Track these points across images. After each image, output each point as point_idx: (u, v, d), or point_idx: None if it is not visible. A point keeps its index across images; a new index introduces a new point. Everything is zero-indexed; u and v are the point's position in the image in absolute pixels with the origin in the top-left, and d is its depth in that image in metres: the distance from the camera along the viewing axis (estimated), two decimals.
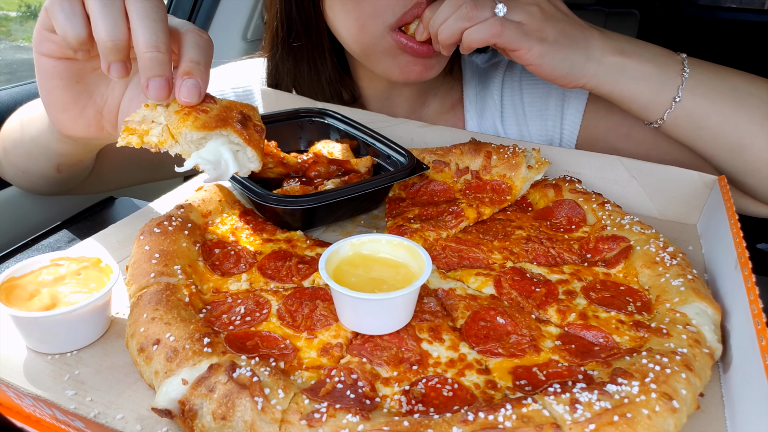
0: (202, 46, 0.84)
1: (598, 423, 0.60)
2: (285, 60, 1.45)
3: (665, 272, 0.87)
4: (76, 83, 0.93)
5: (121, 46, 0.79)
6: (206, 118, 0.80)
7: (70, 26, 0.79)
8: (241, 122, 0.82)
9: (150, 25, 0.78)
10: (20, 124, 1.22)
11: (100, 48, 0.79)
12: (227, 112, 0.83)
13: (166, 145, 0.81)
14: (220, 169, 0.81)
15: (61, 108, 0.94)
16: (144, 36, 0.78)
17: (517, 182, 1.13)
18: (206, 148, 0.80)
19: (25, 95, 1.64)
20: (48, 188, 1.31)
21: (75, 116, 0.95)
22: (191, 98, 0.80)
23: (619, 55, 1.09)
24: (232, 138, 0.81)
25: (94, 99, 0.96)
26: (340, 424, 0.62)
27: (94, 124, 0.98)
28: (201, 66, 0.82)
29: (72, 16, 0.79)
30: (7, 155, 1.28)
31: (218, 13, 2.59)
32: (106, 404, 0.70)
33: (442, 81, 1.57)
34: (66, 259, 0.84)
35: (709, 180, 1.12)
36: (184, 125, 0.79)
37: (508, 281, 0.89)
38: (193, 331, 0.73)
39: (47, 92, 0.93)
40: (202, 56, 0.83)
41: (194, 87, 0.80)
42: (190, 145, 0.80)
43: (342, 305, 0.78)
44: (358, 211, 1.14)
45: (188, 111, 0.80)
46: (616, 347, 0.76)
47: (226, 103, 0.85)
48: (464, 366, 0.74)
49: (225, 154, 0.81)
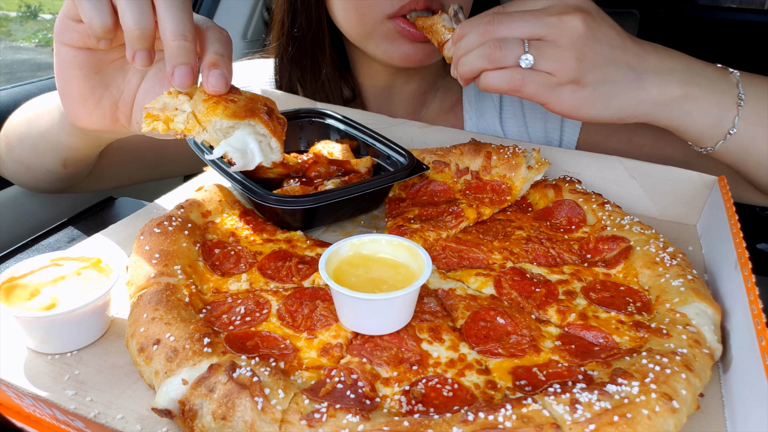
0: (223, 42, 0.86)
1: (598, 423, 0.60)
2: (288, 52, 1.46)
3: (665, 272, 0.87)
4: (95, 74, 0.94)
5: (147, 34, 0.81)
6: (236, 108, 0.82)
7: (97, 14, 0.81)
8: (267, 113, 0.85)
9: (177, 14, 0.80)
10: (27, 119, 1.22)
11: (126, 36, 0.81)
12: (253, 103, 0.85)
13: (194, 132, 0.83)
14: (247, 157, 0.84)
15: (77, 99, 0.95)
16: (171, 25, 0.80)
17: (517, 182, 1.13)
18: (234, 137, 0.83)
19: (25, 95, 1.64)
20: (51, 185, 1.31)
21: (91, 107, 0.97)
22: (219, 87, 0.83)
23: (678, 90, 0.99)
24: (258, 128, 0.84)
25: (110, 90, 0.97)
26: (340, 424, 0.62)
27: (110, 116, 0.99)
28: (225, 58, 0.85)
29: (99, 4, 0.81)
30: (11, 151, 1.28)
31: (218, 13, 2.59)
32: (106, 404, 0.70)
33: (441, 81, 1.57)
34: (66, 259, 0.84)
35: (709, 180, 1.12)
36: (215, 114, 0.81)
37: (508, 281, 0.89)
38: (193, 331, 0.73)
39: (65, 82, 0.95)
40: (225, 50, 0.86)
41: (221, 77, 0.83)
42: (218, 133, 0.83)
43: (342, 305, 0.78)
44: (358, 211, 1.14)
45: (217, 100, 0.82)
46: (616, 347, 0.76)
47: (250, 95, 0.87)
48: (464, 366, 0.74)
49: (251, 143, 0.84)
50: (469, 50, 0.97)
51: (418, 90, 1.53)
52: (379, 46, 1.32)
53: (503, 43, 0.94)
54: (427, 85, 1.54)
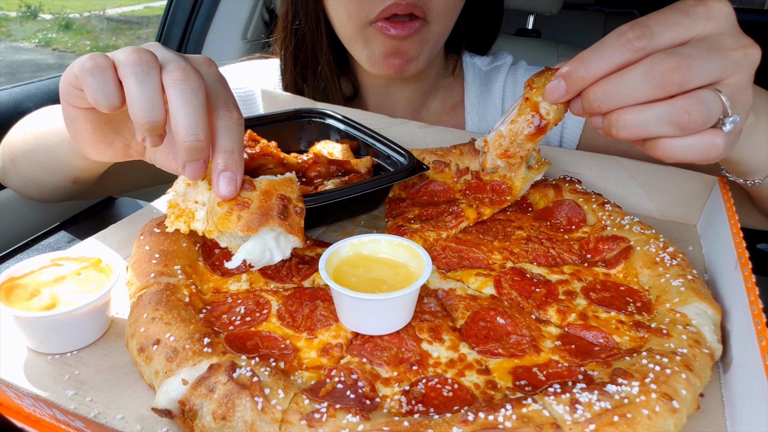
0: (233, 130, 0.80)
1: (598, 423, 0.60)
2: (289, 48, 1.47)
3: (665, 272, 0.87)
4: (105, 125, 0.91)
5: (157, 126, 0.75)
6: (249, 217, 0.78)
7: (103, 97, 0.76)
8: (281, 212, 0.80)
9: (190, 112, 0.74)
10: (33, 135, 1.19)
11: (135, 125, 0.76)
12: (267, 200, 0.80)
13: (213, 235, 0.80)
14: (265, 258, 0.81)
15: (88, 143, 0.92)
16: (184, 123, 0.74)
17: (517, 182, 1.13)
18: (252, 242, 0.79)
19: (25, 95, 1.64)
20: (57, 198, 1.30)
21: (103, 149, 0.94)
22: (229, 192, 0.77)
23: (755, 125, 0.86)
24: (275, 227, 0.80)
25: (122, 134, 0.94)
26: (340, 424, 0.62)
27: (122, 153, 0.96)
28: (235, 155, 0.78)
29: (105, 87, 0.76)
30: (16, 166, 1.26)
31: (218, 13, 2.59)
32: (106, 404, 0.70)
33: (442, 82, 1.57)
34: (66, 259, 0.84)
35: (709, 180, 1.12)
36: (228, 227, 0.78)
37: (508, 281, 0.89)
38: (193, 331, 0.73)
39: (74, 132, 0.91)
40: (235, 143, 0.79)
41: (231, 180, 0.77)
42: (235, 239, 0.80)
43: (342, 305, 0.78)
44: (358, 211, 1.14)
45: (230, 207, 0.78)
46: (616, 347, 0.76)
47: (265, 186, 0.82)
48: (464, 366, 0.74)
49: (270, 242, 0.80)
50: (638, 101, 0.72)
51: (418, 90, 1.53)
52: (363, 52, 1.33)
53: (701, 101, 0.70)
54: (427, 87, 1.54)
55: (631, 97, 0.71)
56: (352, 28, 1.30)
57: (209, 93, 0.80)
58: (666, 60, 0.69)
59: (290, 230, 0.80)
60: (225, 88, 0.83)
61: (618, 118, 0.73)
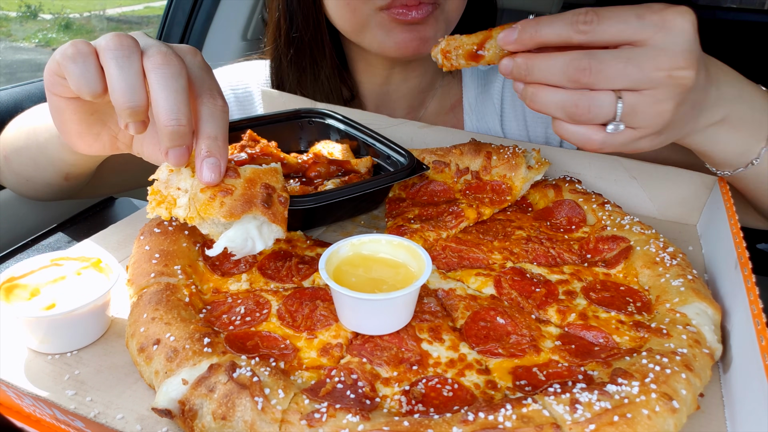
0: (217, 116, 0.80)
1: (598, 423, 0.60)
2: (286, 54, 1.46)
3: (665, 272, 0.87)
4: (90, 115, 0.91)
5: (139, 111, 0.75)
6: (232, 203, 0.77)
7: (85, 83, 0.76)
8: (265, 200, 0.80)
9: (171, 96, 0.74)
10: (25, 132, 1.20)
11: (117, 110, 0.76)
12: (251, 188, 0.80)
13: (194, 222, 0.79)
14: (247, 247, 0.80)
15: (75, 135, 0.92)
16: (165, 107, 0.74)
17: (517, 182, 1.13)
18: (234, 230, 0.79)
19: (25, 95, 1.64)
20: (51, 195, 1.30)
21: (90, 141, 0.94)
22: (212, 178, 0.77)
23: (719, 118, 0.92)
24: (258, 216, 0.79)
25: (108, 126, 0.94)
26: (340, 424, 0.62)
27: (109, 145, 0.96)
28: (219, 141, 0.78)
29: (86, 73, 0.76)
30: (9, 164, 1.26)
31: (218, 13, 2.59)
32: (106, 404, 0.70)
33: (440, 82, 1.57)
34: (66, 259, 0.84)
35: (709, 180, 1.12)
36: (211, 213, 0.77)
37: (508, 281, 0.89)
38: (193, 331, 0.73)
39: (61, 123, 0.91)
40: (219, 129, 0.79)
41: (214, 166, 0.77)
42: (217, 226, 0.79)
43: (342, 305, 0.78)
44: (358, 211, 1.14)
45: (213, 194, 0.78)
46: (616, 347, 0.76)
47: (249, 174, 0.81)
48: (464, 366, 0.74)
49: (252, 231, 0.80)
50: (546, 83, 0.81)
51: (417, 88, 1.53)
52: (375, 37, 1.32)
53: (593, 101, 0.79)
54: (425, 84, 1.54)
55: (548, 79, 0.81)
56: (360, 18, 1.29)
57: (193, 80, 0.80)
58: (582, 60, 0.77)
59: (273, 219, 0.80)
60: (209, 76, 0.83)
61: (533, 91, 0.83)
